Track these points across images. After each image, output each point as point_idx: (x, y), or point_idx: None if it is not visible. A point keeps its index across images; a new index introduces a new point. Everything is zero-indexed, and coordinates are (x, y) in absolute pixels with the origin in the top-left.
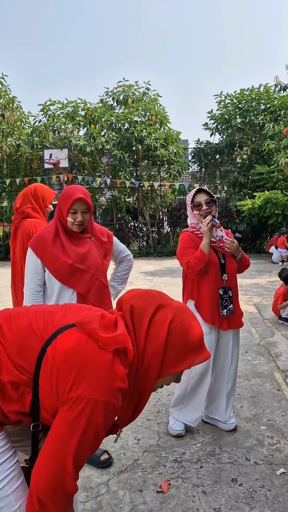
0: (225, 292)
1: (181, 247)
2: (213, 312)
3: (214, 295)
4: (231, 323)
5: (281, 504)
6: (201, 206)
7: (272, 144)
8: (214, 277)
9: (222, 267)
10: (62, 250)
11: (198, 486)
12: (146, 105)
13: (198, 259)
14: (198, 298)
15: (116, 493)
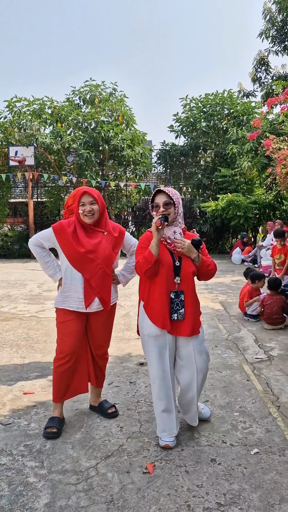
0: (176, 296)
1: (138, 247)
2: (164, 315)
3: (166, 298)
4: (183, 329)
5: (256, 480)
6: (159, 208)
7: (235, 148)
8: (166, 280)
9: (176, 269)
10: (77, 240)
11: (180, 466)
12: (112, 106)
13: (145, 259)
14: (148, 300)
15: (105, 475)
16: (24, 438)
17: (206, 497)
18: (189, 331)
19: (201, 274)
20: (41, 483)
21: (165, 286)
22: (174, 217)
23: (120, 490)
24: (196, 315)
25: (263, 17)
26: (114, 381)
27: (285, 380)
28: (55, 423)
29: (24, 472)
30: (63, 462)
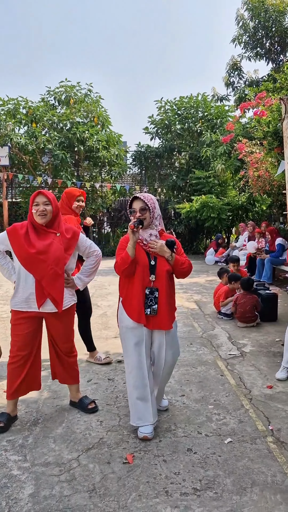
0: (151, 292)
1: (117, 248)
2: (140, 310)
3: (142, 294)
4: (156, 323)
5: (230, 466)
6: (136, 213)
7: (209, 151)
8: (142, 278)
9: (151, 268)
10: (28, 241)
11: (158, 456)
12: (88, 107)
13: (122, 260)
14: (125, 296)
15: (87, 466)
16: (6, 434)
17: (183, 483)
18: (162, 326)
19: (176, 272)
20: (25, 475)
21: (141, 283)
22: (150, 221)
23: (102, 479)
24: (170, 311)
25: (236, 23)
26: (93, 378)
27: (257, 375)
28: (3, 418)
29: (7, 466)
30: (46, 455)
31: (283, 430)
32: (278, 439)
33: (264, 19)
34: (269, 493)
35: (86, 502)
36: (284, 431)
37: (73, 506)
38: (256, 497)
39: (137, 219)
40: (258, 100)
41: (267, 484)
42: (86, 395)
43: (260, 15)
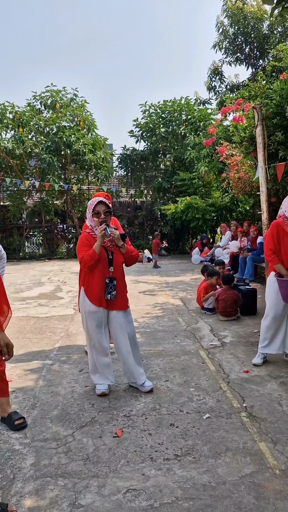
0: (110, 281)
1: (78, 245)
2: (100, 296)
3: (102, 283)
4: (115, 305)
5: (207, 436)
6: (100, 215)
7: (193, 153)
8: (102, 269)
9: (109, 261)
10: None
11: (144, 430)
12: (74, 111)
13: (90, 257)
14: (88, 285)
15: (81, 440)
16: None
17: (166, 451)
18: (121, 307)
19: (127, 259)
20: (26, 449)
21: (101, 274)
22: (110, 220)
23: (94, 450)
24: (125, 295)
25: (216, 29)
26: (84, 368)
27: (235, 362)
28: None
29: (10, 442)
30: (44, 432)
31: (255, 407)
32: (250, 414)
33: (243, 26)
34: (240, 456)
35: (81, 468)
36: (257, 407)
37: (70, 471)
38: (229, 459)
39: (105, 224)
40: (237, 106)
41: (239, 449)
42: (16, 410)
43: (239, 22)
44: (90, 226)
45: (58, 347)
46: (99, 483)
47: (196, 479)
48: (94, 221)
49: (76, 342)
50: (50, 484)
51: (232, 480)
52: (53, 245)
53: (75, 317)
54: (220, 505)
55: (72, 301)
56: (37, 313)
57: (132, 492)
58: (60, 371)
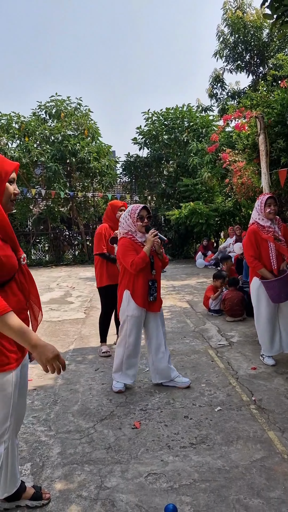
0: (152, 283)
1: (123, 250)
2: (145, 298)
3: (147, 286)
4: (155, 307)
5: (219, 427)
6: (144, 219)
7: (196, 160)
8: (147, 272)
9: (151, 265)
10: None
11: (160, 422)
12: (78, 120)
13: (142, 260)
14: (134, 289)
15: (102, 431)
16: (31, 412)
17: (181, 440)
18: (157, 309)
19: (163, 264)
20: (52, 440)
21: (146, 277)
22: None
23: (115, 440)
24: (160, 298)
25: (217, 38)
26: (100, 367)
27: (242, 359)
28: None
29: (36, 434)
30: (67, 425)
31: (264, 400)
32: (259, 406)
33: (243, 34)
34: (251, 443)
35: (105, 456)
36: (265, 400)
37: (94, 459)
38: (241, 446)
39: (146, 225)
40: (239, 113)
41: (250, 437)
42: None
43: (239, 31)
44: (129, 232)
45: (73, 348)
46: (122, 468)
47: (211, 464)
48: (138, 225)
49: (89, 344)
50: (77, 470)
51: (244, 464)
52: (60, 251)
53: (87, 321)
54: (234, 485)
55: (82, 305)
56: (49, 317)
57: (153, 475)
58: (77, 370)
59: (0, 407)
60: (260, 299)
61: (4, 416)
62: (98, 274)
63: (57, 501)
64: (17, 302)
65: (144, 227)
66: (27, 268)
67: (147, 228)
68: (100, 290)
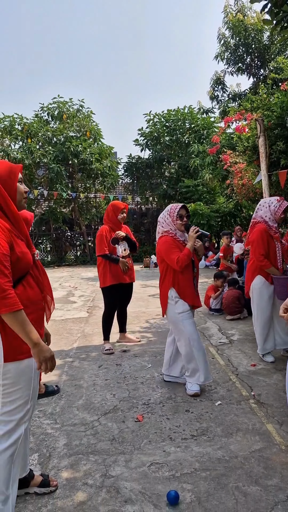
0: (194, 280)
1: (167, 248)
2: (193, 295)
3: (192, 283)
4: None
5: (219, 420)
6: (183, 218)
7: (197, 161)
8: (190, 270)
9: (192, 263)
10: None
11: (163, 416)
12: (80, 121)
13: (187, 256)
14: (180, 287)
15: (106, 424)
16: (37, 406)
17: (183, 432)
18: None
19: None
20: (58, 432)
21: (191, 275)
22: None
23: (119, 432)
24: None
25: (218, 41)
26: (103, 364)
27: (242, 357)
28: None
29: (42, 427)
30: (72, 419)
31: (263, 395)
32: (258, 400)
33: (244, 37)
34: (250, 435)
35: (109, 447)
36: (264, 395)
37: (99, 449)
38: (240, 438)
39: (185, 224)
40: (239, 116)
41: (249, 430)
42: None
43: (240, 33)
44: (170, 231)
45: (76, 346)
46: (126, 458)
47: (211, 454)
48: (177, 224)
49: (92, 342)
50: (82, 460)
51: (243, 454)
52: (62, 252)
53: (90, 320)
54: (233, 474)
55: (85, 305)
56: (52, 316)
57: (156, 465)
58: (81, 367)
59: (24, 390)
60: (262, 297)
61: (26, 399)
62: (102, 275)
63: (64, 489)
64: (35, 294)
65: (184, 225)
66: (40, 263)
67: (186, 226)
68: (103, 290)
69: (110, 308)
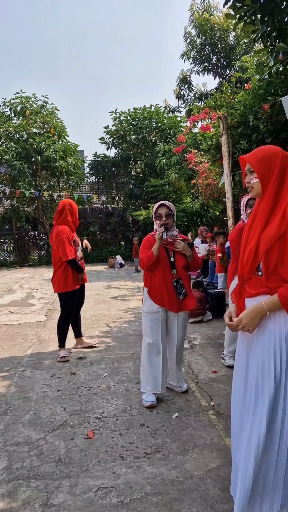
0: (177, 282)
1: (142, 246)
2: (162, 297)
3: (165, 285)
4: (184, 305)
5: (176, 434)
6: (162, 217)
7: (163, 160)
8: (163, 272)
9: (171, 264)
10: None
11: (115, 431)
12: (44, 118)
13: (148, 258)
14: (150, 286)
15: (53, 443)
16: None
17: (136, 450)
18: (190, 306)
19: (192, 267)
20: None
21: (162, 277)
22: (172, 224)
23: (66, 452)
24: (191, 294)
25: (184, 39)
26: (56, 373)
27: (203, 363)
28: None
29: None
30: (16, 437)
31: (222, 405)
32: (218, 411)
33: (210, 37)
34: (207, 451)
35: (54, 469)
36: (224, 405)
37: (42, 473)
38: (196, 455)
39: (162, 224)
40: (204, 114)
41: (206, 445)
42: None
43: (206, 33)
44: (155, 228)
45: (30, 353)
46: (71, 483)
47: (164, 475)
48: (156, 223)
49: (48, 348)
50: (22, 486)
51: (199, 474)
52: (25, 252)
53: (47, 324)
54: (187, 498)
55: (44, 307)
56: (8, 320)
57: (103, 490)
58: (32, 377)
59: None
60: None
61: None
62: (62, 278)
63: None
64: None
65: (162, 225)
66: None
67: (165, 226)
68: (63, 295)
69: (69, 313)
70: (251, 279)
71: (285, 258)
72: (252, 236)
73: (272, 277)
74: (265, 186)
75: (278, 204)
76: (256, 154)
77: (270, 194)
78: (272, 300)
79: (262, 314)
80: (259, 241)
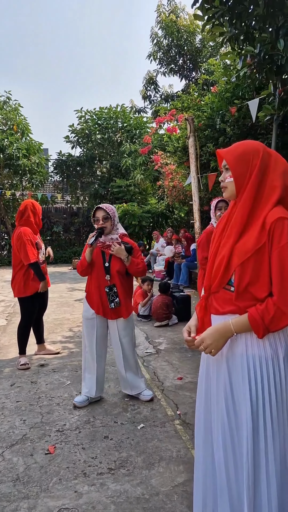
0: (110, 289)
1: (82, 252)
2: (98, 304)
3: (99, 291)
4: (117, 313)
5: (141, 447)
6: (99, 221)
7: (129, 161)
8: (97, 277)
9: (106, 269)
10: None
11: (78, 445)
12: (7, 114)
13: (81, 263)
14: (88, 291)
15: (11, 460)
16: None
17: (99, 465)
18: (123, 315)
19: (132, 271)
20: None
21: (97, 282)
22: (111, 228)
23: (25, 469)
24: (127, 303)
25: (151, 40)
26: (16, 382)
27: (169, 369)
28: None
29: None
30: None
31: (189, 414)
32: (184, 421)
33: (177, 38)
34: (173, 465)
35: (11, 490)
36: (190, 414)
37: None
38: (162, 469)
39: (99, 228)
40: (171, 116)
41: (172, 458)
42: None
43: (173, 34)
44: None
45: None
46: (30, 504)
47: (129, 492)
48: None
49: (7, 355)
50: None
51: (165, 490)
52: None
53: (8, 328)
54: None
55: (4, 311)
56: None
57: (64, 511)
58: None
59: None
60: None
61: None
62: (22, 282)
63: None
64: None
65: (98, 230)
66: None
67: (100, 231)
68: (24, 299)
69: (30, 318)
70: (219, 293)
71: (260, 274)
72: (224, 245)
73: (244, 296)
74: (240, 188)
75: (256, 211)
76: (235, 150)
77: (247, 199)
78: (241, 320)
79: (228, 336)
80: (232, 252)
